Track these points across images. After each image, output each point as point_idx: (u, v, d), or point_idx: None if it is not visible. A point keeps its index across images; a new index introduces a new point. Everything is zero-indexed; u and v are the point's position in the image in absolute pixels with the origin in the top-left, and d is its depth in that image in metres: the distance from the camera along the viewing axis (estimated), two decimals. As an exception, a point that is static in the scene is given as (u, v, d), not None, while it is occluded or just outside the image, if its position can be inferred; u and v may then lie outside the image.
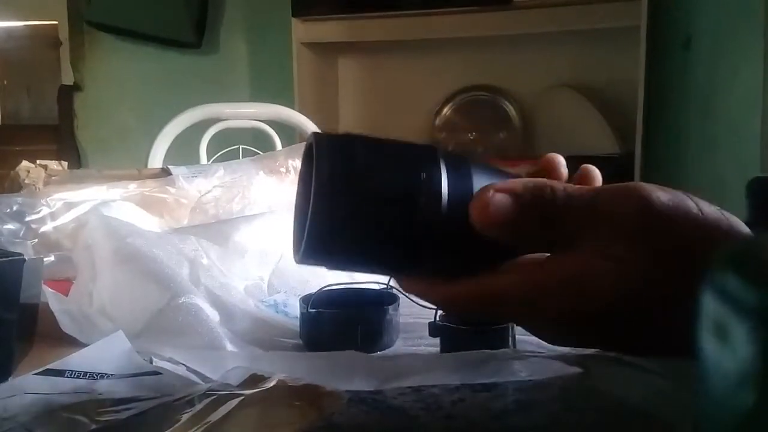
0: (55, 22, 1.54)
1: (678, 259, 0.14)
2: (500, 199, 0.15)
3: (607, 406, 0.20)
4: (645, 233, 0.15)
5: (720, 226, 0.15)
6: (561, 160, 0.17)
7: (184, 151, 0.85)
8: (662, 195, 0.15)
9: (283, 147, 0.82)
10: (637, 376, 0.20)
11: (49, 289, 0.29)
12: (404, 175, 0.14)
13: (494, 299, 0.16)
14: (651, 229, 0.15)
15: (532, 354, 0.23)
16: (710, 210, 0.15)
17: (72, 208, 0.42)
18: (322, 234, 0.14)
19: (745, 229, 0.15)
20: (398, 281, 0.17)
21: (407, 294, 0.16)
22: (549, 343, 0.16)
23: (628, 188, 0.15)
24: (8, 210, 0.40)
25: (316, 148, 0.14)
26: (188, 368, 0.23)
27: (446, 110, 1.29)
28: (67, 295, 0.31)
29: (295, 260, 0.15)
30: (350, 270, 0.15)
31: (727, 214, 0.15)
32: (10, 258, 0.25)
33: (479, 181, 0.15)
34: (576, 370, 0.22)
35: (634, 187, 0.15)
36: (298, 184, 0.16)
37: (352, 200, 0.14)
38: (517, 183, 0.16)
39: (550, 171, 0.17)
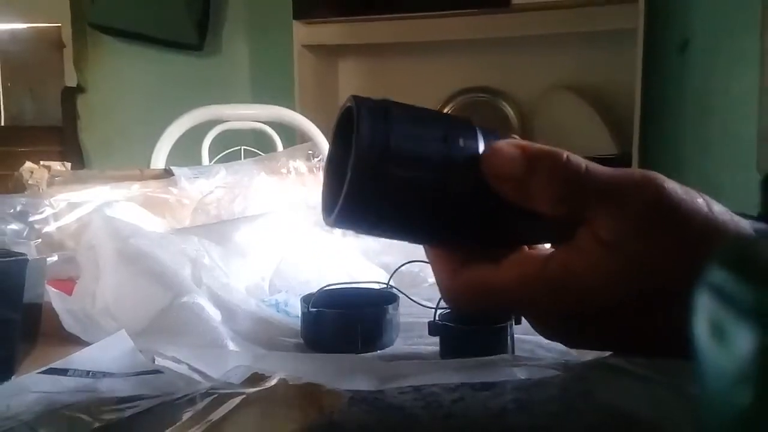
0: (59, 24, 1.54)
1: (685, 256, 0.14)
2: (509, 150, 0.15)
3: (608, 408, 0.20)
4: (656, 226, 0.14)
5: (728, 227, 0.15)
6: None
7: (186, 152, 0.85)
8: (678, 189, 0.15)
9: (284, 148, 0.82)
10: (639, 386, 0.20)
11: (53, 289, 0.29)
12: (443, 141, 0.14)
13: (492, 293, 0.16)
14: (663, 222, 0.14)
15: (530, 362, 0.23)
16: (720, 210, 0.15)
17: (75, 209, 0.42)
18: (360, 197, 0.14)
19: (751, 232, 0.15)
20: (427, 252, 0.17)
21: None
22: (545, 338, 0.16)
23: (645, 176, 0.15)
24: (12, 210, 0.41)
25: (357, 111, 0.14)
26: (190, 367, 0.23)
27: (446, 112, 1.30)
28: (70, 295, 0.31)
29: (326, 223, 0.15)
30: (380, 236, 0.15)
31: (736, 217, 0.15)
32: (13, 258, 0.25)
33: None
34: (574, 367, 0.22)
35: (653, 177, 0.15)
36: (330, 147, 0.16)
37: (392, 166, 0.14)
38: (531, 143, 0.16)
39: None
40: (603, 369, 0.21)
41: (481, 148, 0.15)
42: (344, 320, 0.29)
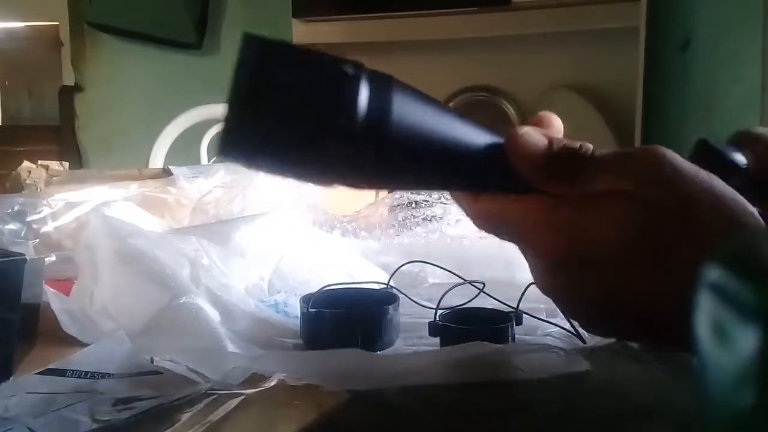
0: (56, 23, 1.54)
1: (690, 220, 0.14)
2: (537, 136, 0.16)
3: (608, 406, 0.20)
4: (659, 181, 0.15)
5: (735, 206, 0.15)
6: (556, 119, 0.17)
7: (185, 151, 0.84)
8: (683, 159, 0.15)
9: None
10: (641, 370, 0.20)
11: (51, 289, 0.29)
12: (324, 86, 0.14)
13: (506, 222, 0.16)
14: (665, 179, 0.15)
15: (531, 347, 0.23)
16: (726, 188, 0.15)
17: (73, 209, 0.42)
18: (238, 139, 0.14)
19: (757, 217, 0.14)
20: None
21: None
22: (543, 290, 0.16)
23: (650, 146, 0.15)
24: (9, 210, 0.40)
25: (242, 51, 0.15)
26: (189, 368, 0.23)
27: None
28: (68, 295, 0.31)
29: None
30: (271, 172, 0.15)
31: (743, 200, 0.15)
32: (11, 258, 0.25)
33: (401, 100, 0.15)
34: (576, 368, 0.22)
35: (657, 146, 0.15)
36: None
37: (270, 108, 0.14)
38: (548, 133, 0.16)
39: (545, 128, 0.17)
40: (604, 352, 0.21)
41: (365, 95, 0.15)
42: (344, 320, 0.28)
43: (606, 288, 0.15)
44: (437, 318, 0.29)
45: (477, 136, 0.16)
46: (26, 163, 0.47)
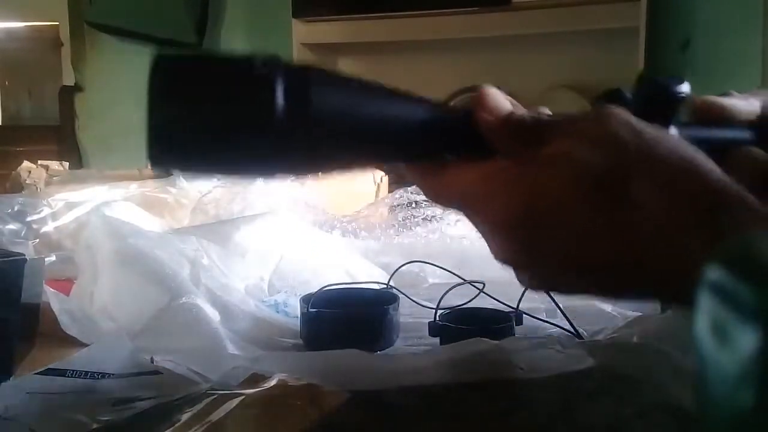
0: (56, 23, 1.54)
1: (644, 164, 0.14)
2: (504, 99, 0.16)
3: (608, 406, 0.20)
4: (610, 134, 0.15)
5: (687, 149, 0.15)
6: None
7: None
8: (634, 117, 0.15)
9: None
10: (641, 370, 0.21)
11: (51, 289, 0.29)
12: (237, 92, 0.15)
13: (459, 191, 0.16)
14: (616, 132, 0.15)
15: (531, 344, 0.23)
16: (677, 138, 0.15)
17: (73, 209, 0.42)
18: (162, 151, 0.15)
19: (710, 162, 0.15)
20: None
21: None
22: (500, 257, 0.16)
23: (602, 106, 0.16)
24: (10, 210, 0.40)
25: (151, 74, 0.15)
26: (189, 368, 0.23)
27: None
28: (68, 295, 0.31)
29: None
30: (204, 176, 0.16)
31: (692, 146, 0.15)
32: (11, 258, 0.25)
33: (320, 90, 0.15)
34: (577, 366, 0.22)
35: (608, 106, 0.16)
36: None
37: (189, 121, 0.15)
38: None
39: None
40: (604, 350, 0.21)
41: (280, 93, 0.15)
42: (344, 321, 0.28)
43: (566, 244, 0.15)
44: (437, 318, 0.29)
45: (418, 110, 0.17)
46: (26, 163, 0.47)
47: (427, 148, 0.17)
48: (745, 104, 0.20)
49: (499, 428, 0.20)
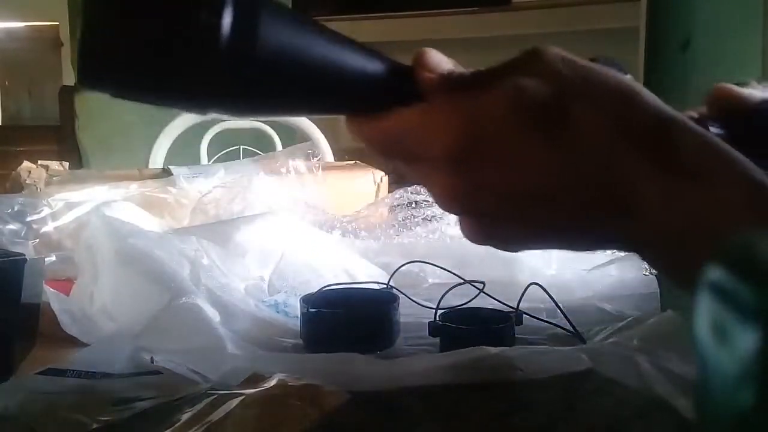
0: (57, 23, 1.54)
1: (581, 92, 0.14)
2: (443, 56, 0.16)
3: (608, 406, 0.20)
4: (546, 65, 0.15)
5: (628, 90, 0.14)
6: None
7: (184, 151, 0.84)
8: (568, 53, 0.15)
9: (283, 147, 0.82)
10: (641, 370, 0.21)
11: (51, 289, 0.29)
12: (183, 12, 0.14)
13: (391, 138, 0.16)
14: (551, 63, 0.15)
15: (531, 349, 0.23)
16: (620, 75, 0.15)
17: (73, 209, 0.42)
18: (97, 68, 0.14)
19: (645, 90, 0.14)
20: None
21: None
22: (446, 207, 0.16)
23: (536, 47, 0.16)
24: (10, 210, 0.40)
25: None
26: (189, 368, 0.23)
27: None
28: (68, 295, 0.31)
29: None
30: (137, 100, 0.15)
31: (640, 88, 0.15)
32: (11, 258, 0.25)
33: (271, 23, 0.15)
34: (577, 367, 0.22)
35: (542, 45, 0.16)
36: None
37: (127, 35, 0.14)
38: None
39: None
40: (604, 351, 0.22)
41: (229, 17, 0.14)
42: (344, 321, 0.28)
43: (508, 175, 0.14)
44: (437, 318, 0.29)
45: (365, 59, 0.16)
46: (26, 163, 0.47)
47: (370, 101, 0.16)
48: (763, 94, 0.19)
49: (499, 428, 0.20)
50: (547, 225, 0.15)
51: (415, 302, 0.33)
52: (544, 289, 0.30)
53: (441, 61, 0.16)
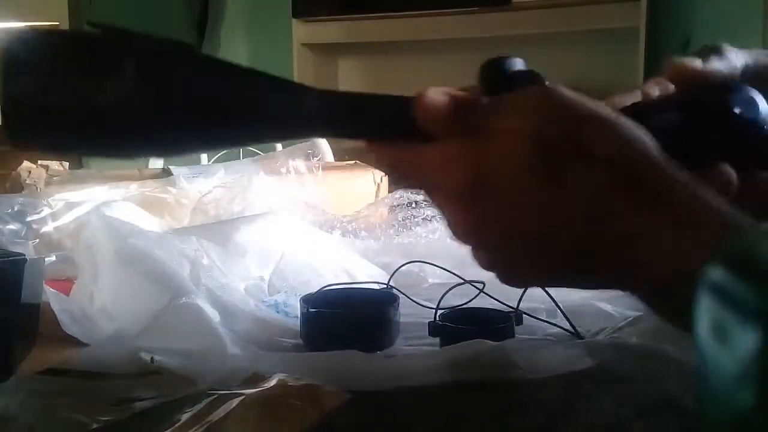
0: (57, 23, 1.54)
1: (577, 143, 0.15)
2: (440, 96, 0.17)
3: (608, 406, 0.20)
4: (545, 110, 0.16)
5: (621, 125, 0.15)
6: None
7: (184, 151, 0.83)
8: (570, 91, 0.16)
9: (283, 148, 0.82)
10: (641, 369, 0.21)
11: (51, 289, 0.29)
12: (87, 66, 0.15)
13: (405, 167, 0.17)
14: (550, 109, 0.16)
15: (531, 344, 0.23)
16: (610, 112, 0.16)
17: (73, 209, 0.42)
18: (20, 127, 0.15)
19: (644, 139, 0.15)
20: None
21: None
22: (457, 237, 0.17)
23: (538, 86, 0.17)
24: (10, 210, 0.40)
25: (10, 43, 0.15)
26: (189, 368, 0.23)
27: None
28: (68, 295, 0.31)
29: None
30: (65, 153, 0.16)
31: (628, 121, 0.15)
32: (11, 258, 0.25)
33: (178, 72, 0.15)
34: (577, 366, 0.22)
35: (545, 85, 0.17)
36: None
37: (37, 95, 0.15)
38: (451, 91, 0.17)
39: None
40: (604, 350, 0.22)
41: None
42: (344, 321, 0.28)
43: (511, 218, 0.15)
44: (437, 318, 0.29)
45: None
46: (26, 163, 0.47)
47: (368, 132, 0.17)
48: (724, 65, 0.20)
49: (499, 428, 0.20)
50: (547, 263, 0.16)
51: (415, 302, 0.33)
52: (544, 289, 0.30)
53: (440, 101, 0.17)
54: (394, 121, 0.17)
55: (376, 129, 0.17)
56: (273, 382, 0.21)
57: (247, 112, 0.16)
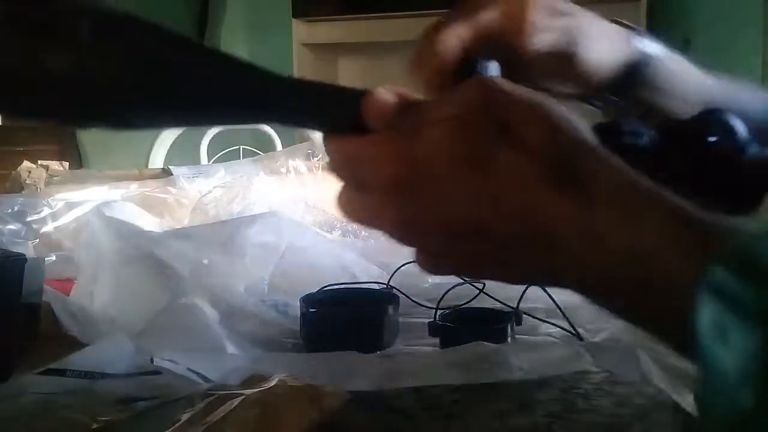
0: (56, 23, 1.53)
1: (507, 134, 0.15)
2: (388, 95, 0.17)
3: (608, 406, 0.20)
4: (477, 101, 0.15)
5: (555, 114, 0.15)
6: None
7: (184, 151, 0.84)
8: (507, 82, 0.15)
9: (283, 147, 0.82)
10: (640, 370, 0.21)
11: (51, 289, 0.29)
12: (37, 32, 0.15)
13: (352, 161, 0.17)
14: (483, 100, 0.15)
15: (531, 345, 0.23)
16: (548, 100, 0.15)
17: (73, 209, 0.42)
18: None
19: (580, 128, 0.15)
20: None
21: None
22: (394, 236, 0.16)
23: (479, 78, 0.16)
24: (10, 210, 0.40)
25: None
26: (189, 368, 0.23)
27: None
28: (68, 295, 0.31)
29: None
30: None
31: (564, 111, 0.15)
32: (11, 258, 0.25)
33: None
34: (577, 366, 0.22)
35: (484, 77, 0.16)
36: None
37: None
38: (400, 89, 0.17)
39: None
40: (604, 351, 0.22)
41: None
42: (344, 321, 0.28)
43: (441, 214, 0.15)
44: (437, 318, 0.29)
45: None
46: (26, 163, 0.47)
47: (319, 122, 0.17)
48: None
49: (499, 428, 0.20)
50: (483, 259, 0.16)
51: (415, 302, 0.33)
52: (544, 289, 0.30)
53: (386, 98, 0.17)
54: (344, 116, 0.17)
55: (325, 122, 0.17)
56: (273, 382, 0.21)
57: (199, 90, 0.16)
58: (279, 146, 0.86)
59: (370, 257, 0.38)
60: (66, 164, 0.49)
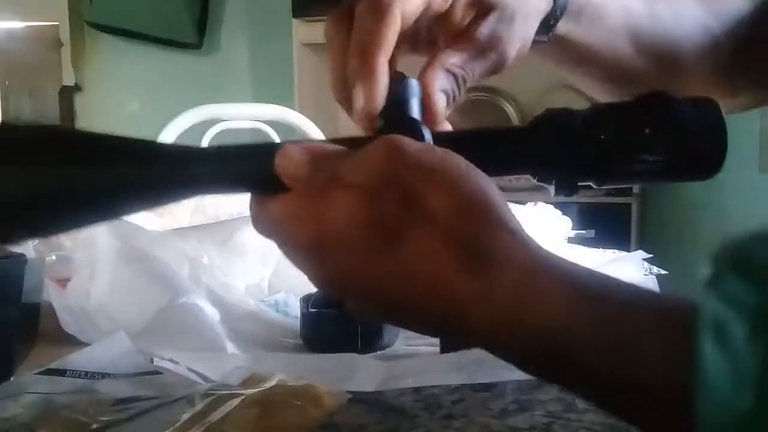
0: (56, 23, 1.54)
1: (415, 210, 0.14)
2: (298, 155, 0.17)
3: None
4: (383, 173, 0.15)
5: (466, 184, 0.15)
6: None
7: (184, 151, 0.83)
8: (416, 147, 0.15)
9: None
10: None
11: (51, 289, 0.29)
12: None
13: (267, 216, 0.17)
14: (389, 171, 0.15)
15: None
16: (459, 168, 0.15)
17: (73, 209, 0.42)
18: None
19: (490, 193, 0.15)
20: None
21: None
22: (313, 282, 0.17)
23: (385, 137, 0.16)
24: (9, 210, 0.40)
25: None
26: (189, 368, 0.23)
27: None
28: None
29: None
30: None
31: (479, 178, 0.15)
32: (11, 258, 0.25)
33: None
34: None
35: (390, 138, 0.16)
36: None
37: None
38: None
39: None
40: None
41: None
42: (344, 321, 0.28)
43: (350, 278, 0.15)
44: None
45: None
46: (26, 163, 0.47)
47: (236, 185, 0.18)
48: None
49: (499, 428, 0.20)
50: (403, 320, 0.16)
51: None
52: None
53: (296, 154, 0.17)
54: (259, 175, 0.17)
55: (243, 184, 0.17)
56: (273, 382, 0.21)
57: (113, 191, 0.16)
58: (279, 146, 0.85)
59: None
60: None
